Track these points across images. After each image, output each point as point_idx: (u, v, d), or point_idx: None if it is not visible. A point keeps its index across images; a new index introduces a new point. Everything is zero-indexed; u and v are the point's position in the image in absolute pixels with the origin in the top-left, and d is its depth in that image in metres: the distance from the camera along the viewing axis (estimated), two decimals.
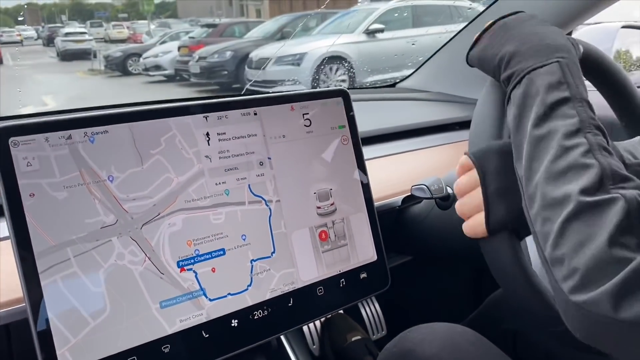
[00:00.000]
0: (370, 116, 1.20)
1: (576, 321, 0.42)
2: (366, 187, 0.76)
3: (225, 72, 7.59)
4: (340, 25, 6.65)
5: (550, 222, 0.44)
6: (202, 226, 0.62)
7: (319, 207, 0.71)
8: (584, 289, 0.40)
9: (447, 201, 0.84)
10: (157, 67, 8.99)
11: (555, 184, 0.45)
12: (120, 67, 9.74)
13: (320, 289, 0.70)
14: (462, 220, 0.62)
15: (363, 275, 0.75)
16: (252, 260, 0.65)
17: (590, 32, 1.20)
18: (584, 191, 0.43)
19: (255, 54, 6.75)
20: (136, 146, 0.59)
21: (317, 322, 0.92)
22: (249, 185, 0.66)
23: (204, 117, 0.63)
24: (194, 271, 0.61)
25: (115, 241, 0.57)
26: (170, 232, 0.60)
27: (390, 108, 1.32)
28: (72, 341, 0.53)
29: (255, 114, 0.68)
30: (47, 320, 0.52)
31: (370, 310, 1.03)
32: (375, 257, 0.76)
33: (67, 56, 10.65)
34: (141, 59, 9.40)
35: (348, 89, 0.77)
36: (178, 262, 0.60)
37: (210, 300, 0.61)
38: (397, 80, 1.53)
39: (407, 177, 0.98)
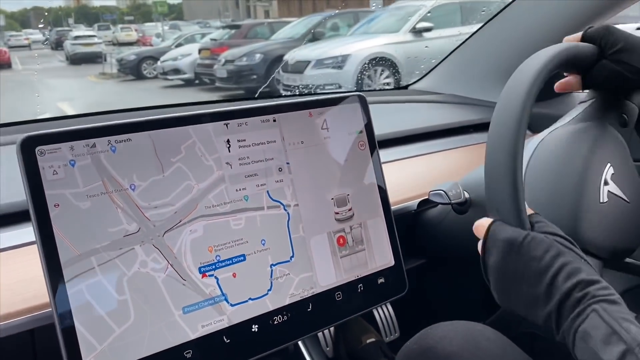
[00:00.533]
0: (383, 119, 1.20)
1: None
2: (383, 192, 0.76)
3: (255, 76, 7.28)
4: (383, 24, 6.24)
5: None
6: (223, 232, 0.63)
7: (337, 213, 0.71)
8: None
9: (463, 206, 0.84)
10: (176, 71, 8.86)
11: None
12: (134, 70, 9.68)
13: (339, 294, 0.71)
14: None
15: (381, 280, 0.75)
16: (271, 265, 0.66)
17: None
18: None
19: (291, 57, 6.31)
20: (157, 154, 0.60)
21: None
22: (267, 190, 0.66)
23: (224, 124, 0.64)
24: (215, 277, 0.61)
25: (138, 249, 0.57)
26: (191, 239, 0.61)
27: (403, 111, 1.32)
28: (98, 348, 0.54)
29: (275, 120, 0.68)
30: (73, 328, 0.53)
31: (384, 312, 1.03)
32: (392, 262, 0.76)
33: (77, 60, 10.67)
34: (159, 63, 9.29)
35: (360, 91, 0.77)
36: (199, 268, 0.61)
37: (231, 305, 0.62)
38: (410, 83, 1.53)
39: (422, 181, 0.99)
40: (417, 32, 5.56)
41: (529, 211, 0.57)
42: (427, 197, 0.84)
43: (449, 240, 0.92)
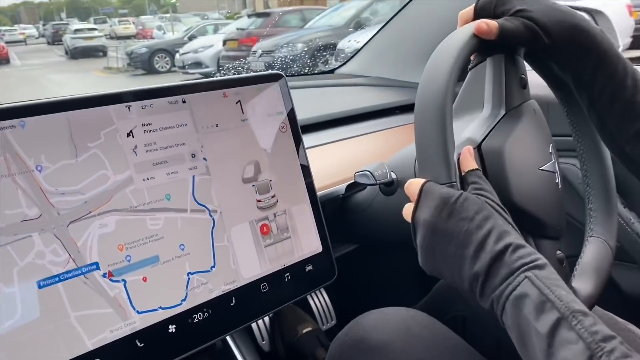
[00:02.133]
0: (310, 103, 1.17)
1: None
2: (308, 177, 0.73)
3: (297, 67, 6.89)
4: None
5: None
6: (137, 230, 0.57)
7: (259, 201, 0.67)
8: None
9: (391, 186, 0.81)
10: (198, 64, 8.27)
11: None
12: (145, 64, 9.19)
13: (265, 285, 0.67)
14: None
15: (309, 267, 0.71)
16: (189, 273, 0.60)
17: None
18: None
19: (347, 45, 5.87)
20: (72, 136, 0.54)
21: (266, 317, 0.88)
22: (193, 191, 0.61)
23: (126, 107, 0.58)
24: (123, 279, 0.55)
25: (36, 237, 0.51)
26: (100, 234, 0.55)
27: (330, 95, 1.29)
28: None
29: (184, 101, 0.62)
30: None
31: (319, 300, 1.00)
32: (320, 249, 0.73)
33: (77, 54, 10.05)
34: (178, 55, 8.72)
35: (286, 76, 0.73)
36: (106, 267, 0.55)
37: (138, 312, 0.56)
38: (336, 67, 1.51)
39: (349, 164, 0.96)
40: None
41: (469, 166, 0.57)
42: (354, 180, 0.81)
43: (378, 223, 0.89)
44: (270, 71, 0.71)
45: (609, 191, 0.72)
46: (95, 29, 11.41)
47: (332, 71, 1.50)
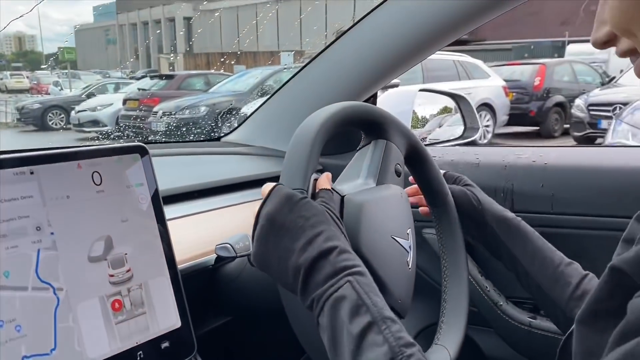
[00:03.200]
0: (189, 171, 1.17)
1: None
2: (168, 249, 0.71)
3: (199, 130, 6.70)
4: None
5: None
6: None
7: (111, 275, 0.65)
8: None
9: None
10: (95, 122, 8.05)
11: None
12: (38, 120, 8.74)
13: None
14: None
15: (165, 344, 0.69)
16: (24, 357, 0.56)
17: (393, 95, 1.31)
18: None
19: (251, 111, 5.82)
20: None
21: None
22: (36, 267, 0.58)
23: None
24: None
25: None
26: None
27: (212, 163, 1.29)
28: None
29: (32, 172, 0.60)
30: None
31: None
32: (179, 324, 0.71)
33: None
34: (74, 113, 8.39)
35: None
36: None
37: None
38: (222, 135, 1.52)
39: (222, 234, 0.95)
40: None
41: (323, 186, 0.64)
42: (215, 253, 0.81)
43: (248, 293, 0.89)
44: (131, 143, 0.71)
45: (461, 309, 0.80)
46: None
47: (218, 139, 1.51)
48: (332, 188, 0.67)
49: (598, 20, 0.46)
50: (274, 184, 0.61)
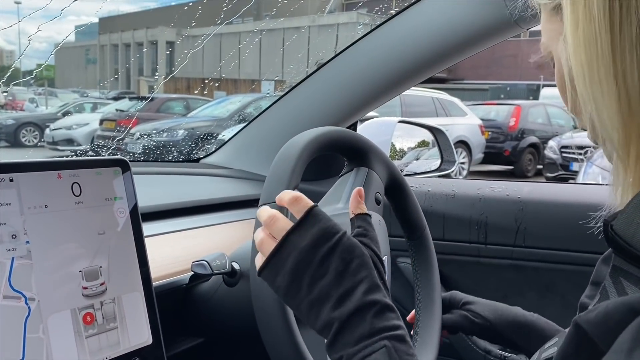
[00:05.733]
0: (167, 190, 1.16)
1: None
2: (144, 265, 0.71)
3: (177, 152, 6.44)
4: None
5: None
6: None
7: (85, 288, 0.64)
8: None
9: (233, 277, 0.82)
10: (70, 141, 7.88)
11: None
12: (10, 137, 8.57)
13: None
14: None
15: None
16: None
17: (372, 125, 1.34)
18: None
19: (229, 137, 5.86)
20: None
21: None
22: (9, 276, 0.57)
23: None
24: None
25: None
26: None
27: (191, 183, 1.29)
28: None
29: (12, 180, 0.60)
30: None
31: None
32: (150, 341, 0.70)
33: None
34: (48, 131, 8.26)
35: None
36: None
37: None
38: (202, 156, 1.52)
39: (198, 254, 0.95)
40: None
41: (358, 209, 0.61)
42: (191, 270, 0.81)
43: (221, 314, 0.88)
44: (113, 156, 0.71)
45: (432, 345, 0.81)
46: None
47: (197, 160, 1.51)
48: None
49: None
50: (302, 201, 0.55)
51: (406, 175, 1.49)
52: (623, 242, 0.42)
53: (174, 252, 0.94)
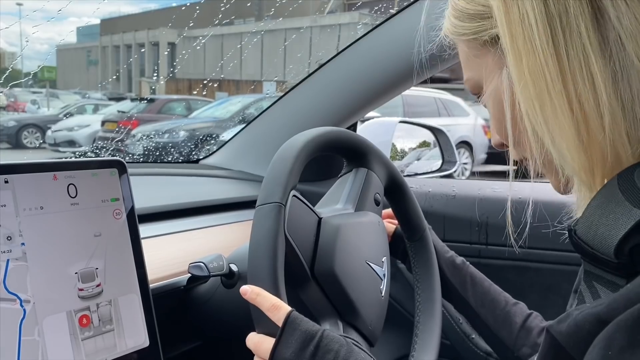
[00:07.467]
0: (166, 191, 1.16)
1: None
2: (140, 266, 0.70)
3: (177, 153, 6.57)
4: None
5: None
6: None
7: (81, 289, 0.63)
8: None
9: (232, 279, 0.81)
10: (71, 143, 7.89)
11: None
12: (12, 138, 8.57)
13: None
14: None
15: None
16: None
17: (373, 125, 1.33)
18: None
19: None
20: None
21: None
22: (4, 278, 0.57)
23: None
24: None
25: None
26: None
27: (190, 184, 1.29)
28: None
29: (7, 181, 0.59)
30: None
31: None
32: (147, 343, 0.69)
33: None
34: (50, 132, 8.27)
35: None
36: None
37: None
38: (201, 157, 1.52)
39: (196, 255, 0.94)
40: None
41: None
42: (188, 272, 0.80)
43: (219, 317, 0.88)
44: (110, 157, 0.70)
45: (433, 346, 0.80)
46: None
47: (196, 161, 1.51)
48: (312, 209, 0.67)
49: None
50: (279, 309, 0.59)
51: (407, 176, 1.48)
52: (587, 246, 0.41)
53: (171, 254, 0.93)
